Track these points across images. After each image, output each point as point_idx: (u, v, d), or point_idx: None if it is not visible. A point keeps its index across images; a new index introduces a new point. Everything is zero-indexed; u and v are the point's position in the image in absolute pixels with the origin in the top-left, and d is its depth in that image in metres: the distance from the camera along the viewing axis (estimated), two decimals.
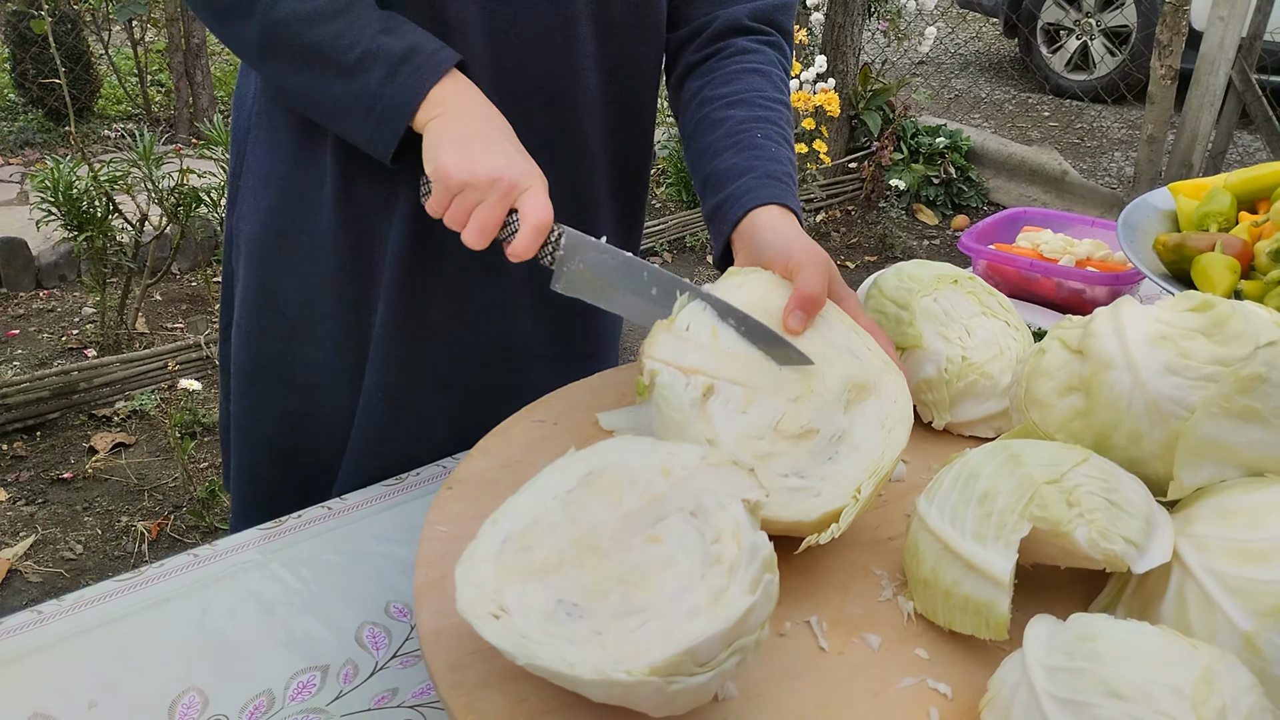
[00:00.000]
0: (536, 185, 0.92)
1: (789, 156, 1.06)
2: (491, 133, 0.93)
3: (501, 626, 0.65)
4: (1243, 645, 0.66)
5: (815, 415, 0.84)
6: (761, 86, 1.09)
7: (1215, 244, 1.08)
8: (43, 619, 0.83)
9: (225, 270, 1.23)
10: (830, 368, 0.87)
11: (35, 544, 2.52)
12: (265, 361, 1.15)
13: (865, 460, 0.83)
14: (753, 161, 1.02)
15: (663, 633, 0.63)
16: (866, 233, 4.65)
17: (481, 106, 0.95)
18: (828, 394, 0.86)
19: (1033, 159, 5.00)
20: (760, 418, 0.84)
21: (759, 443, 0.82)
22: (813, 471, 0.82)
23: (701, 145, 1.08)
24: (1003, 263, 1.40)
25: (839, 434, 0.84)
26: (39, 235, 3.44)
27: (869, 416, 0.86)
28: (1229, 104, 4.34)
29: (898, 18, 5.26)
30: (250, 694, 0.77)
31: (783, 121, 1.09)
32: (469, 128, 0.92)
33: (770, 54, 1.14)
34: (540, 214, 0.91)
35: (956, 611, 0.74)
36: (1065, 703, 0.60)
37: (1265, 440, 0.75)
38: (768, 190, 1.00)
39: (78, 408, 2.98)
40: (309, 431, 1.17)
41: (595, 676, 0.61)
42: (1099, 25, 6.39)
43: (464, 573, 0.68)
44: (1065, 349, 0.83)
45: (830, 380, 0.86)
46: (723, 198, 1.02)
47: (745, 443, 0.82)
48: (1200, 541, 0.71)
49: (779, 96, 1.10)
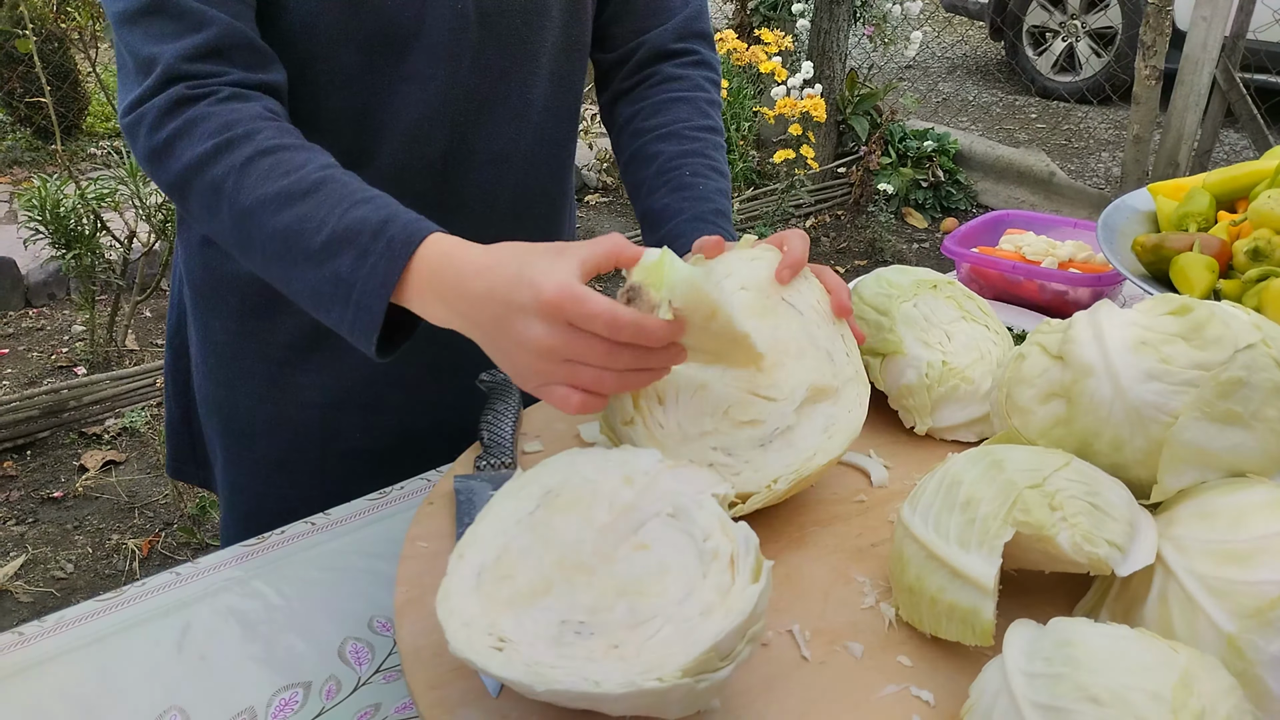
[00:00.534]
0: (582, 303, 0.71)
1: (719, 188, 1.10)
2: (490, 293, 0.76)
3: (507, 658, 0.63)
4: (1225, 647, 0.66)
5: (765, 408, 0.87)
6: (689, 116, 1.13)
7: (1193, 244, 1.08)
8: (24, 640, 0.83)
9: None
10: (798, 364, 0.88)
11: (26, 563, 2.51)
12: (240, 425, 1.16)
13: (794, 457, 0.85)
14: (682, 203, 1.07)
15: (681, 635, 0.63)
16: (856, 237, 4.66)
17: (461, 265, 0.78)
18: (785, 391, 0.87)
19: (1020, 161, 5.01)
20: (715, 401, 0.86)
21: (706, 420, 0.85)
22: (741, 454, 0.85)
23: (636, 180, 1.14)
24: (986, 266, 1.40)
25: (782, 428, 0.86)
26: (27, 254, 3.43)
27: (816, 419, 0.87)
28: (1214, 103, 4.36)
29: (883, 23, 5.27)
30: (232, 712, 0.77)
31: (711, 149, 1.13)
32: (457, 307, 0.78)
33: (695, 76, 1.17)
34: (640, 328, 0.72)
35: (942, 618, 0.74)
36: (1045, 709, 0.60)
37: (1247, 443, 0.75)
38: (697, 232, 1.03)
39: (68, 426, 2.97)
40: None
41: (626, 690, 0.60)
42: (1084, 27, 6.42)
43: (447, 612, 0.67)
44: (1045, 354, 0.83)
45: (796, 378, 0.88)
46: (657, 239, 1.07)
47: (694, 419, 0.85)
48: (1182, 543, 0.71)
49: (706, 123, 1.15)
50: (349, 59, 0.97)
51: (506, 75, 1.05)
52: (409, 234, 0.81)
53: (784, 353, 0.89)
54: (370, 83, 0.99)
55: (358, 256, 0.81)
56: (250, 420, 1.15)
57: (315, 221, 0.82)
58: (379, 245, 0.80)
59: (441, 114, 1.02)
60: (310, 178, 0.85)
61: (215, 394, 1.16)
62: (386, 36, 0.97)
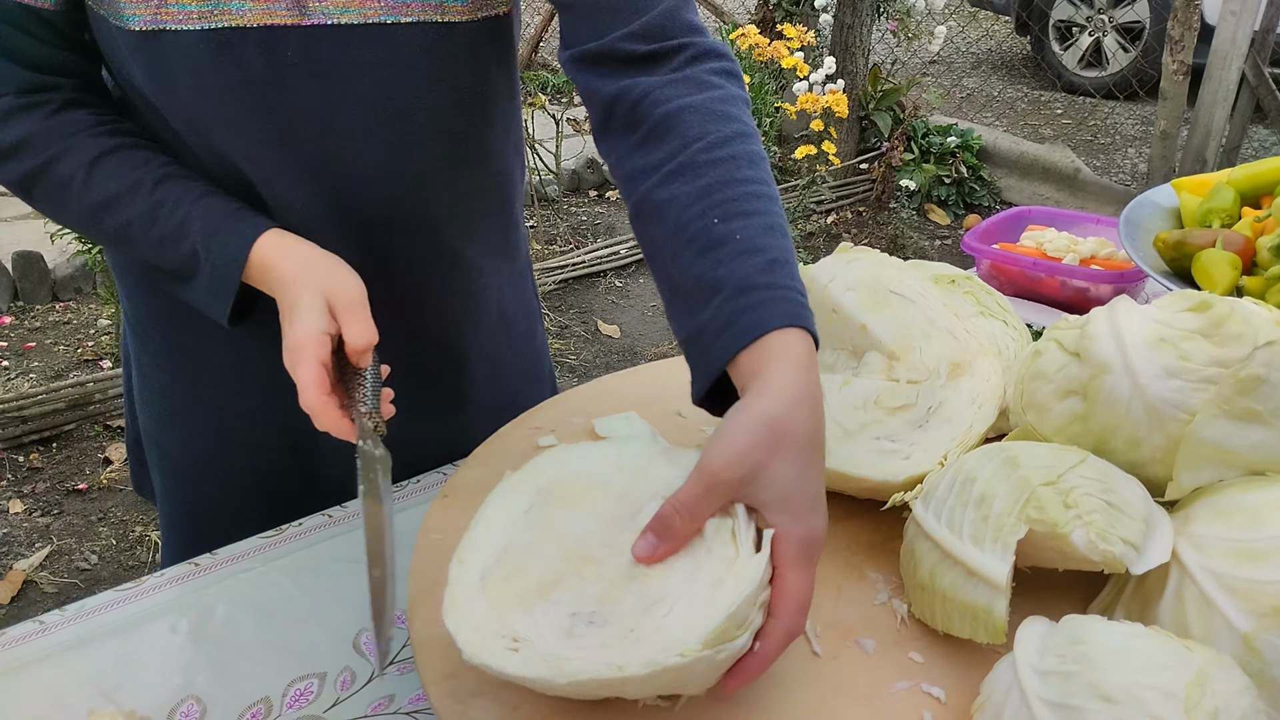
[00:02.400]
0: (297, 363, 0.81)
1: (766, 224, 0.76)
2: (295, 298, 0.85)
3: (524, 657, 0.64)
4: (1241, 646, 0.65)
5: (912, 391, 0.90)
6: (701, 130, 0.79)
7: (1216, 240, 1.07)
8: (45, 629, 0.84)
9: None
10: (929, 345, 0.92)
11: (50, 555, 2.54)
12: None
13: (954, 431, 0.87)
14: (718, 271, 0.73)
15: (696, 609, 0.64)
16: (878, 233, 4.64)
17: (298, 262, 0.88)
18: (926, 371, 0.91)
19: (1045, 157, 4.97)
20: (864, 392, 0.90)
21: (860, 413, 0.88)
22: (904, 437, 0.87)
23: (648, 241, 0.81)
24: (1006, 262, 1.39)
25: (934, 406, 0.89)
26: (54, 248, 3.47)
27: (962, 392, 0.90)
28: (1242, 98, 4.30)
29: (907, 17, 5.23)
30: (248, 701, 0.77)
31: (743, 167, 0.78)
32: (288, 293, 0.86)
33: (696, 74, 0.84)
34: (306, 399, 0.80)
35: (954, 615, 0.74)
36: (1056, 706, 0.60)
37: (1267, 442, 0.74)
38: (754, 315, 0.71)
39: (93, 419, 3.01)
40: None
41: (649, 670, 0.61)
42: (1111, 21, 6.35)
43: (456, 621, 0.67)
44: (1062, 350, 0.82)
45: (929, 358, 0.91)
46: (692, 329, 0.75)
47: (847, 413, 0.88)
48: (1198, 541, 0.70)
49: (728, 130, 0.80)
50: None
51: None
52: (257, 219, 0.90)
53: (911, 337, 0.92)
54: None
55: (208, 234, 0.89)
56: (185, 458, 1.12)
57: (168, 206, 0.89)
58: (229, 224, 0.89)
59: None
60: (158, 172, 0.90)
61: (149, 427, 1.14)
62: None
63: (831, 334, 0.92)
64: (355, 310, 0.84)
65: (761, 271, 0.73)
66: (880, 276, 0.95)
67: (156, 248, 0.90)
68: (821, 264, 0.97)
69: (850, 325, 0.91)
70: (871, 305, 0.93)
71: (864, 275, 0.95)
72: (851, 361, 0.92)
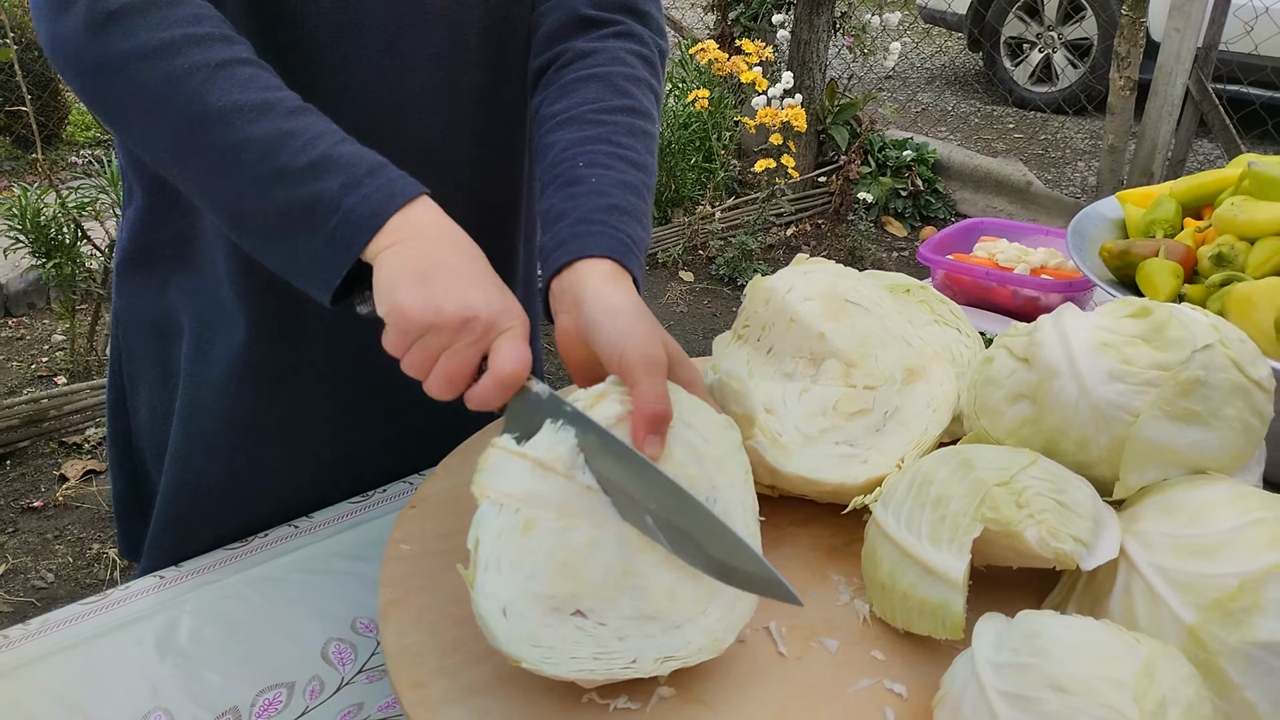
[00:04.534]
0: (516, 328, 0.75)
1: (621, 180, 0.88)
2: (462, 263, 0.77)
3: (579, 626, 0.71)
4: (1187, 638, 0.68)
5: (869, 397, 0.92)
6: (598, 96, 0.92)
7: (1159, 250, 1.11)
8: (9, 643, 0.83)
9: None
10: (885, 352, 0.94)
11: (6, 573, 2.49)
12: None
13: (910, 435, 0.91)
14: (568, 202, 0.86)
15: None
16: (836, 245, 4.70)
17: (451, 233, 0.78)
18: (883, 377, 0.93)
19: (998, 170, 5.07)
20: (822, 399, 0.92)
21: (819, 419, 0.91)
22: (863, 442, 0.91)
23: (536, 177, 0.93)
24: (960, 272, 1.43)
25: (891, 411, 0.92)
26: (7, 263, 3.41)
27: (918, 397, 0.93)
28: (1187, 113, 4.42)
29: (862, 33, 5.32)
30: (216, 712, 0.77)
31: (620, 134, 0.90)
32: (433, 256, 0.75)
33: (614, 48, 0.96)
34: (512, 365, 0.74)
35: (914, 614, 0.76)
36: (1012, 698, 0.62)
37: (1206, 441, 0.77)
38: (578, 243, 0.83)
39: (48, 435, 2.96)
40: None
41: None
42: (1060, 38, 6.49)
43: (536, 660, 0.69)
44: (1012, 357, 0.85)
45: (885, 365, 0.94)
46: (538, 248, 0.88)
47: (807, 419, 0.91)
48: (1145, 538, 0.73)
49: (619, 103, 0.92)
50: None
51: (435, 61, 0.94)
52: (406, 184, 0.78)
53: (868, 345, 0.94)
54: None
55: (347, 184, 0.76)
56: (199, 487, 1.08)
57: (302, 140, 0.76)
58: (375, 180, 0.76)
59: (355, 105, 0.92)
60: (295, 103, 0.79)
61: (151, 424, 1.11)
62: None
63: (790, 342, 0.95)
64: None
65: (601, 211, 0.85)
66: (837, 286, 0.98)
67: (269, 183, 0.76)
68: (780, 275, 0.99)
69: (809, 334, 0.94)
70: (829, 314, 0.95)
71: (821, 285, 0.97)
72: (810, 369, 0.94)
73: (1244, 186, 1.13)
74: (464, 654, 0.75)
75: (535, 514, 0.72)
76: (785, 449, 0.88)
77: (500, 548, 0.71)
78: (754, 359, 0.95)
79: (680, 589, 0.73)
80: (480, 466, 0.73)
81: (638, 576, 0.72)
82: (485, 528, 0.71)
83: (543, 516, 0.72)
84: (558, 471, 0.74)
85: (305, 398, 1.06)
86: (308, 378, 1.05)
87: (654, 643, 0.71)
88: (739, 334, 0.98)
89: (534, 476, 0.73)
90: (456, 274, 0.75)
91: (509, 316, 0.75)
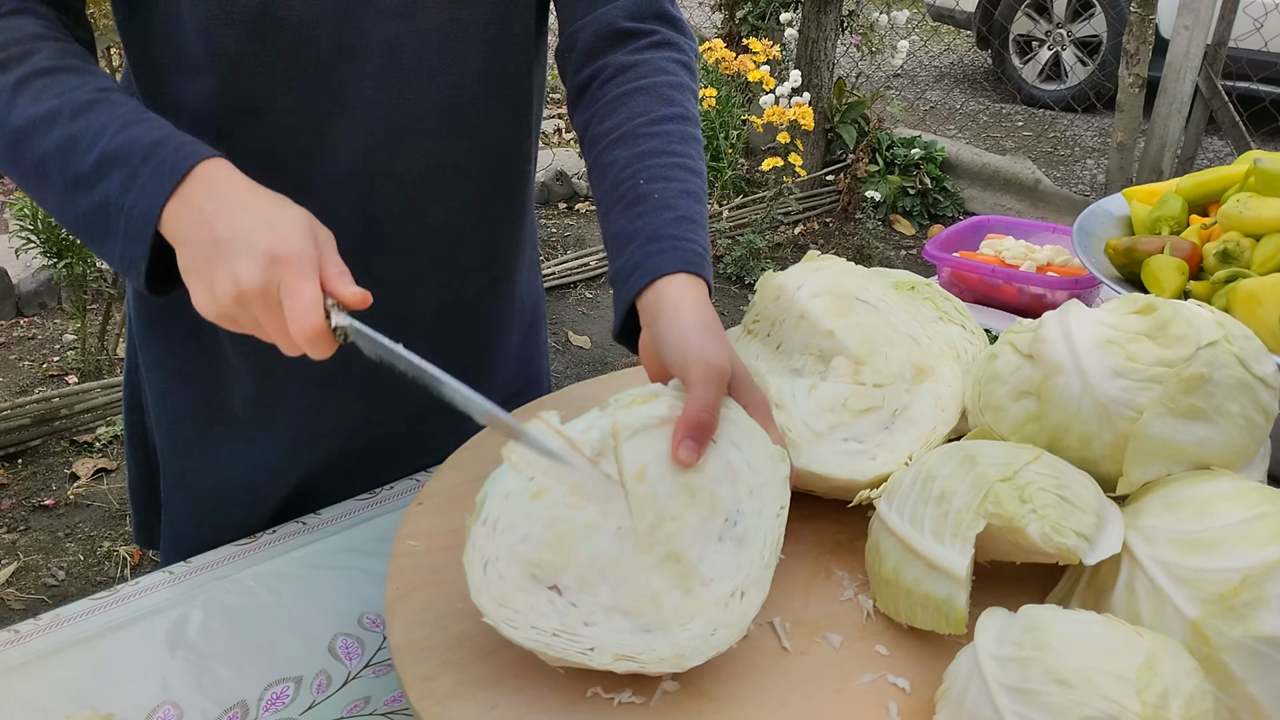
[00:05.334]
0: (297, 277, 0.71)
1: (684, 189, 0.89)
2: (233, 230, 0.73)
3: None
4: (1189, 632, 0.68)
5: (878, 394, 0.93)
6: (646, 108, 0.93)
7: (1165, 247, 1.11)
8: (20, 638, 0.84)
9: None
10: (894, 350, 0.95)
11: (17, 571, 2.51)
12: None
13: (919, 433, 0.91)
14: (636, 221, 0.87)
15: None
16: (844, 244, 4.69)
17: (225, 195, 0.75)
18: (892, 375, 0.94)
19: (1007, 169, 5.05)
20: (831, 395, 0.92)
21: (828, 415, 0.91)
22: (871, 439, 0.91)
23: (597, 198, 0.94)
24: (966, 270, 1.43)
25: (899, 409, 0.92)
26: (18, 263, 3.43)
27: (926, 395, 0.93)
28: (1196, 110, 4.41)
29: (870, 32, 5.32)
30: (224, 706, 0.78)
31: (675, 142, 0.92)
32: (210, 234, 0.73)
33: (655, 59, 0.97)
34: (297, 325, 0.71)
35: (918, 609, 0.76)
36: (1015, 691, 0.62)
37: (1211, 437, 0.77)
38: (652, 262, 0.85)
39: (59, 434, 2.98)
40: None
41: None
42: (1069, 35, 6.48)
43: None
44: (1016, 353, 0.85)
45: (894, 363, 0.94)
46: (614, 271, 0.89)
47: (816, 415, 0.91)
48: (1148, 533, 0.73)
49: (669, 111, 0.94)
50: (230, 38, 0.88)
51: (434, 78, 0.95)
52: (179, 158, 0.75)
53: (876, 342, 0.95)
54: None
55: (127, 179, 0.75)
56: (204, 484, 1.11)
57: (86, 142, 0.76)
58: (149, 167, 0.75)
59: (356, 125, 0.94)
60: (82, 98, 0.78)
61: (169, 458, 1.12)
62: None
63: (799, 339, 0.95)
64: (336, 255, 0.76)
65: (669, 225, 0.86)
66: (845, 283, 0.98)
67: (72, 192, 0.77)
68: (789, 272, 0.99)
69: (817, 331, 0.94)
70: (837, 311, 0.96)
71: (829, 282, 0.98)
72: (819, 366, 0.95)
73: (1250, 183, 1.13)
74: (470, 648, 0.76)
75: (549, 485, 0.75)
76: (794, 444, 0.88)
77: (505, 507, 0.74)
78: (763, 354, 0.96)
79: (666, 597, 0.73)
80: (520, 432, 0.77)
81: (625, 570, 0.73)
82: (497, 486, 0.74)
83: (555, 489, 0.75)
84: (584, 454, 0.76)
85: (310, 398, 1.07)
86: (313, 378, 1.05)
87: (618, 638, 0.71)
88: (749, 329, 0.99)
89: (562, 453, 0.76)
90: (227, 247, 0.72)
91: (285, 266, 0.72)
